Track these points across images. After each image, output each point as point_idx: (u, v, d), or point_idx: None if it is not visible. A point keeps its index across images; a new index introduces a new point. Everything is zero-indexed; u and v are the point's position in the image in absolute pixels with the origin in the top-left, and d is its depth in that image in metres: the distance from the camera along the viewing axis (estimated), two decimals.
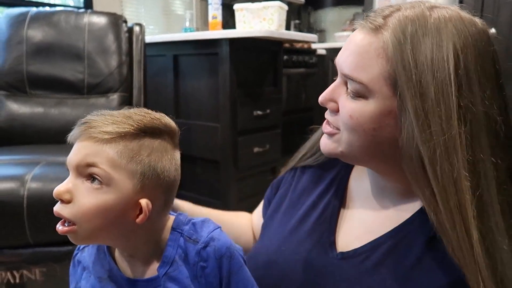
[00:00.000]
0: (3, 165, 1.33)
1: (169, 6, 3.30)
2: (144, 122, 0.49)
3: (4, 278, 1.22)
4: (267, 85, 2.35)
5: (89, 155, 0.47)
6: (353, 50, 0.53)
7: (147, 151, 0.49)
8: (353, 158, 0.59)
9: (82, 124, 0.48)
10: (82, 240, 0.49)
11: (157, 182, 0.49)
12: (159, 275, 0.51)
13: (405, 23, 0.49)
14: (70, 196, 0.47)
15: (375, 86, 0.51)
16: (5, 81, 1.80)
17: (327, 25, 4.56)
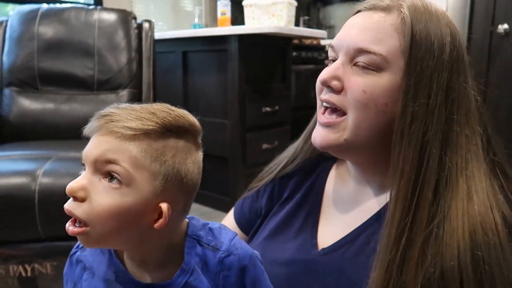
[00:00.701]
0: (15, 160, 1.35)
1: (178, 2, 3.31)
2: (170, 120, 0.44)
3: (16, 271, 1.24)
4: (276, 82, 2.34)
5: (110, 151, 0.42)
6: (366, 26, 0.54)
7: (172, 152, 0.44)
8: (355, 146, 0.56)
9: (103, 116, 0.44)
10: (93, 243, 0.45)
11: (179, 186, 0.45)
12: (178, 283, 0.47)
13: (414, 7, 0.53)
14: (85, 194, 0.43)
15: (393, 58, 0.52)
16: (17, 77, 1.82)
17: (336, 21, 4.53)
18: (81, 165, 0.46)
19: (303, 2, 4.25)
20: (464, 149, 0.50)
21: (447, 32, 0.53)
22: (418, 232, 0.48)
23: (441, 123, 0.50)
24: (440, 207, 0.48)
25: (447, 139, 0.50)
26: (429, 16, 0.53)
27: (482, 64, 2.41)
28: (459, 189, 0.48)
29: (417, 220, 0.48)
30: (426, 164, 0.49)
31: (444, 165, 0.49)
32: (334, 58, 0.58)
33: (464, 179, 0.49)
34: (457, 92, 0.51)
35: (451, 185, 0.49)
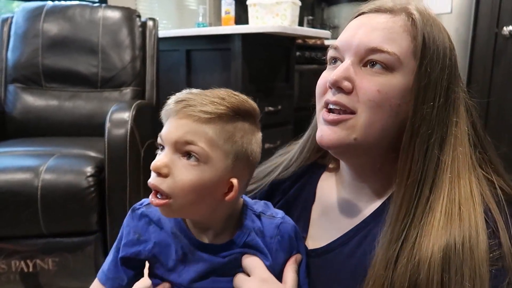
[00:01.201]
0: (18, 156, 1.36)
1: (183, 1, 3.31)
2: (238, 104, 0.50)
3: (18, 267, 1.25)
4: (279, 81, 2.34)
5: (188, 133, 0.48)
6: (375, 27, 0.54)
7: (241, 133, 0.50)
8: (363, 147, 0.55)
9: (180, 101, 0.49)
10: (174, 213, 0.51)
11: (246, 163, 0.52)
12: (238, 242, 0.53)
13: (421, 8, 0.55)
14: (168, 171, 0.48)
15: (405, 58, 0.52)
16: (22, 74, 1.83)
17: (340, 21, 4.52)
18: (158, 145, 0.52)
19: (308, 2, 4.25)
20: (454, 149, 0.52)
21: (446, 36, 0.54)
22: (414, 229, 0.50)
23: (442, 125, 0.52)
24: (431, 204, 0.50)
25: (444, 140, 0.52)
26: (432, 21, 0.54)
27: (486, 66, 2.40)
28: (445, 186, 0.50)
29: (415, 217, 0.50)
30: (428, 164, 0.51)
31: (441, 165, 0.51)
32: (337, 59, 0.58)
33: (452, 177, 0.51)
34: (455, 95, 0.53)
35: (440, 183, 0.51)
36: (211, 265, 0.53)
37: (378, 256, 0.50)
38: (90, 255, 1.28)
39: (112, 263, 0.56)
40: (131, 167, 1.30)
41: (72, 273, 1.29)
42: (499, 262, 0.47)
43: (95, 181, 1.25)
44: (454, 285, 0.45)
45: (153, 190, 0.49)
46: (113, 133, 1.29)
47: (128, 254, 0.54)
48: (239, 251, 0.53)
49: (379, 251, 0.51)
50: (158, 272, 0.55)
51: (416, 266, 0.47)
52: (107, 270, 0.57)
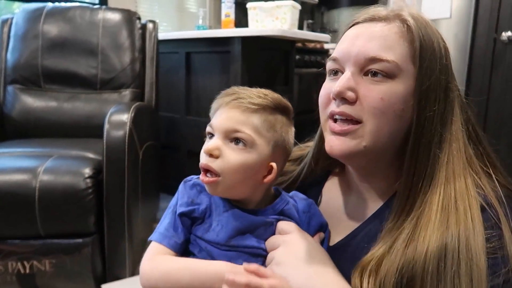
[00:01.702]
0: (17, 157, 1.36)
1: (183, 3, 3.32)
2: (278, 100, 0.60)
3: (15, 268, 1.25)
4: (278, 84, 2.35)
5: (238, 121, 0.56)
6: (371, 36, 0.55)
7: (280, 124, 0.59)
8: (373, 153, 0.56)
9: (231, 94, 0.59)
10: (221, 191, 0.57)
11: (283, 151, 0.60)
12: (275, 208, 0.60)
13: (414, 13, 0.56)
14: (219, 153, 0.56)
15: (404, 64, 0.54)
16: (21, 75, 1.83)
17: (340, 25, 4.54)
18: (207, 134, 0.60)
19: (307, 6, 4.26)
20: (450, 145, 0.54)
21: (440, 37, 0.56)
22: (411, 221, 0.52)
23: (442, 124, 0.54)
24: (429, 198, 0.53)
25: (442, 138, 0.54)
26: (426, 24, 0.55)
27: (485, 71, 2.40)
28: (441, 182, 0.53)
29: (414, 211, 0.53)
30: (431, 162, 0.53)
31: (439, 161, 0.53)
32: (337, 70, 0.58)
33: (448, 173, 0.53)
34: (452, 93, 0.55)
35: (436, 180, 0.53)
36: (248, 223, 0.59)
37: (376, 243, 0.54)
38: (87, 257, 1.27)
39: (170, 223, 0.62)
40: (129, 169, 1.30)
41: (69, 275, 1.28)
42: (498, 252, 0.48)
43: (93, 182, 1.25)
44: (450, 274, 0.46)
45: (203, 170, 0.57)
46: (111, 134, 1.29)
47: (185, 211, 0.61)
48: (275, 217, 0.59)
49: (378, 240, 0.54)
50: (197, 233, 0.61)
51: (411, 255, 0.49)
52: (164, 230, 0.61)
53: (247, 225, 0.59)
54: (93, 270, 1.30)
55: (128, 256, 1.35)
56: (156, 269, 0.59)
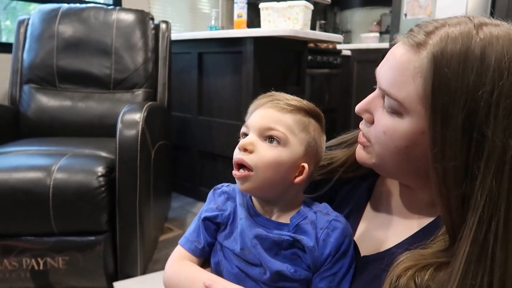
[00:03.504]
0: (31, 155, 1.38)
1: (196, 4, 3.34)
2: (312, 106, 0.61)
3: (29, 264, 1.27)
4: (290, 85, 2.34)
5: (272, 120, 0.57)
6: (392, 65, 0.52)
7: (313, 127, 0.60)
8: (386, 171, 0.58)
9: (268, 96, 0.61)
10: (252, 186, 0.57)
11: (314, 154, 0.60)
12: (292, 223, 0.59)
13: (446, 43, 0.46)
14: (253, 148, 0.57)
15: (411, 104, 0.49)
16: (36, 74, 1.86)
17: (353, 25, 4.51)
18: (241, 135, 0.61)
19: (320, 6, 4.24)
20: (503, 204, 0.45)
21: (489, 71, 0.44)
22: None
23: (474, 177, 0.45)
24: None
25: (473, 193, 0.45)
26: (465, 54, 0.45)
27: None
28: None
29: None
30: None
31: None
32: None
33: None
34: (490, 142, 0.44)
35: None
36: (262, 238, 0.59)
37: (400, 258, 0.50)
38: (99, 255, 1.29)
39: (194, 228, 0.65)
40: (141, 168, 1.31)
41: (82, 272, 1.30)
42: None
43: (106, 181, 1.27)
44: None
45: (236, 166, 0.58)
46: (124, 134, 1.31)
47: (209, 215, 0.63)
48: (288, 235, 0.58)
49: (403, 256, 0.50)
50: (220, 239, 0.63)
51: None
52: (188, 235, 0.65)
53: (259, 241, 0.59)
54: (105, 268, 1.31)
55: (140, 254, 1.36)
56: (176, 274, 0.62)
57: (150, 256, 1.62)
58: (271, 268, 0.57)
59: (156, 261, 1.64)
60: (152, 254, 1.66)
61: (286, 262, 0.57)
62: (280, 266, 0.57)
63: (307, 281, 0.58)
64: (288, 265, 0.57)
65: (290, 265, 0.57)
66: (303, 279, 0.57)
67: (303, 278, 0.57)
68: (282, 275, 0.57)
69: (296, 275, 0.57)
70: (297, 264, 0.57)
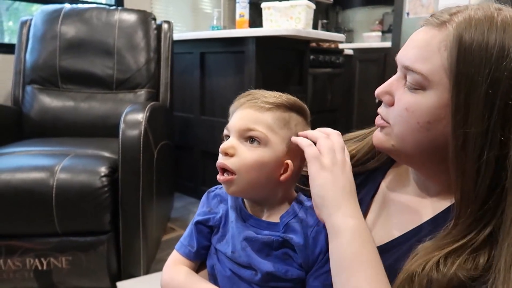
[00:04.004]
0: (34, 155, 1.38)
1: (197, 4, 3.34)
2: (293, 100, 0.60)
3: (33, 264, 1.27)
4: (292, 84, 2.34)
5: (251, 120, 0.57)
6: (416, 44, 0.54)
7: (295, 122, 0.59)
8: (404, 153, 0.57)
9: (246, 96, 0.60)
10: (237, 189, 0.57)
11: (298, 150, 0.58)
12: (281, 222, 0.59)
13: (470, 18, 0.51)
14: (234, 151, 0.56)
15: (435, 77, 0.51)
16: (39, 75, 1.87)
17: (355, 25, 4.50)
18: (224, 137, 0.60)
19: (322, 6, 4.24)
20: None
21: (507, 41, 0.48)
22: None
23: (496, 146, 0.47)
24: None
25: (502, 162, 0.47)
26: (489, 26, 0.48)
27: None
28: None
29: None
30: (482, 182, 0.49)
31: (498, 187, 0.48)
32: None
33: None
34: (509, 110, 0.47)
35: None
36: (251, 240, 0.59)
37: (418, 253, 0.51)
38: (102, 255, 1.29)
39: (188, 233, 0.66)
40: (144, 168, 1.31)
41: (85, 272, 1.30)
42: None
43: (109, 181, 1.27)
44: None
45: (220, 170, 0.57)
46: (127, 134, 1.31)
47: (201, 219, 0.64)
48: (278, 236, 0.58)
49: (421, 249, 0.51)
50: (213, 242, 0.63)
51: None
52: (183, 239, 0.66)
53: (250, 243, 0.59)
54: (108, 268, 1.31)
55: (143, 254, 1.36)
56: (171, 279, 0.63)
57: (153, 256, 1.62)
58: (262, 269, 0.57)
59: (159, 261, 1.64)
60: (155, 254, 1.66)
61: (278, 263, 0.57)
62: (270, 267, 0.57)
63: (301, 280, 0.58)
64: (279, 265, 0.57)
65: (282, 265, 0.57)
66: (295, 279, 0.57)
67: (295, 277, 0.57)
68: (273, 275, 0.57)
69: (288, 275, 0.57)
70: (289, 264, 0.57)
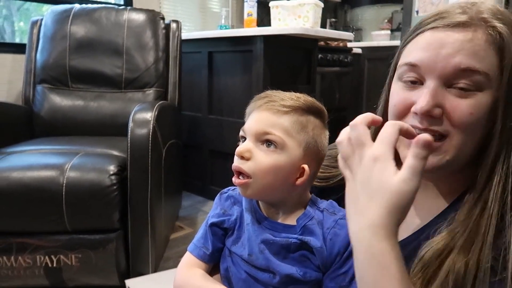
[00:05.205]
0: (45, 154, 1.40)
1: (206, 3, 3.34)
2: (311, 102, 0.59)
3: (43, 262, 1.29)
4: (301, 83, 2.33)
5: (268, 124, 0.56)
6: (460, 45, 0.51)
7: (312, 126, 0.58)
8: (454, 165, 0.55)
9: (263, 98, 0.59)
10: (252, 193, 0.57)
11: (315, 153, 0.59)
12: (298, 225, 0.58)
13: (497, 11, 0.52)
14: (250, 155, 0.56)
15: (493, 75, 0.51)
16: (49, 74, 1.89)
17: (364, 23, 4.47)
18: (240, 138, 0.60)
19: (331, 4, 4.22)
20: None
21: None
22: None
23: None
24: None
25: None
26: (509, 19, 0.52)
27: None
28: None
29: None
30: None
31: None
32: (416, 80, 0.55)
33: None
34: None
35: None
36: (269, 243, 0.58)
37: (433, 243, 0.52)
38: (111, 252, 1.30)
39: (201, 234, 0.65)
40: (153, 166, 1.32)
41: (94, 270, 1.31)
42: None
43: (118, 179, 1.28)
44: None
45: (235, 173, 0.57)
46: (135, 132, 1.32)
47: (215, 221, 0.63)
48: (296, 238, 0.57)
49: (438, 239, 0.52)
50: (228, 245, 0.63)
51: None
52: (196, 241, 0.65)
53: (267, 246, 0.58)
54: (117, 266, 1.33)
55: (151, 252, 1.37)
56: (185, 283, 0.62)
57: (161, 254, 1.63)
58: (281, 272, 0.56)
59: (167, 259, 1.65)
60: (163, 252, 1.67)
61: (295, 265, 0.57)
62: (289, 269, 0.56)
63: (318, 281, 0.57)
64: (297, 268, 0.56)
65: (300, 268, 0.56)
66: (313, 280, 0.56)
67: (313, 279, 0.56)
68: (292, 278, 0.56)
69: (307, 277, 0.56)
70: (307, 266, 0.57)
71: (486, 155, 0.53)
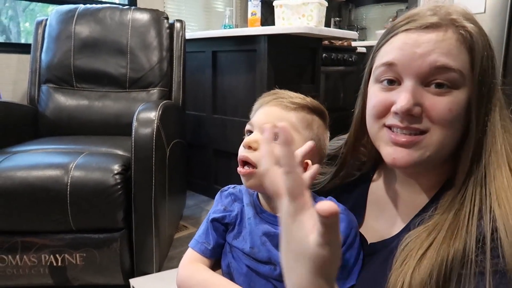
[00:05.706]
0: (50, 153, 1.41)
1: (210, 3, 3.34)
2: (316, 103, 0.63)
3: (48, 260, 1.29)
4: (305, 83, 2.33)
5: (276, 118, 0.59)
6: (434, 44, 0.53)
7: (317, 125, 0.62)
8: (436, 159, 0.56)
9: (273, 94, 0.63)
10: (256, 183, 0.59)
11: (318, 151, 0.61)
12: None
13: (465, 13, 0.55)
14: (257, 146, 0.58)
15: (467, 73, 0.53)
16: (54, 74, 1.90)
17: (368, 22, 4.46)
18: (246, 132, 0.63)
19: (335, 3, 4.21)
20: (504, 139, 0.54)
21: (486, 34, 0.55)
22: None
23: (495, 118, 0.54)
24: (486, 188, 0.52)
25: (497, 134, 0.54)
26: (479, 24, 0.55)
27: None
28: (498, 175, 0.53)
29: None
30: (486, 159, 0.54)
31: (493, 155, 0.54)
32: (393, 79, 0.56)
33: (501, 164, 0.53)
34: (496, 85, 0.55)
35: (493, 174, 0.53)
36: (270, 235, 0.60)
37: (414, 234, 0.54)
38: (116, 252, 1.30)
39: (203, 230, 0.67)
40: (157, 166, 1.32)
41: (99, 269, 1.32)
42: None
43: (122, 179, 1.28)
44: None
45: (241, 163, 0.59)
46: (140, 132, 1.32)
47: (217, 216, 0.65)
48: None
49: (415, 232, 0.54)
50: (229, 240, 0.65)
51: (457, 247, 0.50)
52: (198, 237, 0.67)
53: (267, 237, 0.60)
54: (122, 265, 1.33)
55: (155, 251, 1.37)
56: (188, 277, 0.63)
57: (166, 253, 1.63)
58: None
59: (171, 259, 1.66)
60: (167, 252, 1.67)
61: None
62: None
63: None
64: None
65: None
66: None
67: None
68: None
69: None
70: None
71: (464, 149, 0.55)
